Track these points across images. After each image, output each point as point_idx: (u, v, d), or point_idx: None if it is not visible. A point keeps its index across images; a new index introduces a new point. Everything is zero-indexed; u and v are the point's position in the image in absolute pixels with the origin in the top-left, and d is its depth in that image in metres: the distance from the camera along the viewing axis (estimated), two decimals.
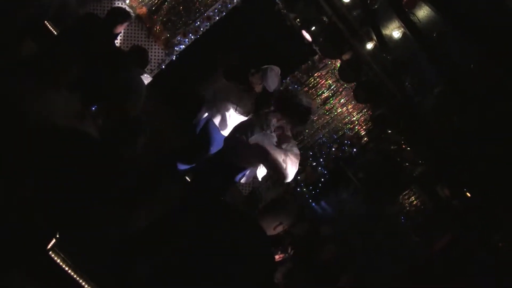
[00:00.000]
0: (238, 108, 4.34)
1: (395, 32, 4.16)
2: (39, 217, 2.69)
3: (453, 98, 4.00)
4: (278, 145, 3.43)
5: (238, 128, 3.63)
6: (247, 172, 3.67)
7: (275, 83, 4.38)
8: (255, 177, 3.84)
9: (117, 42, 6.15)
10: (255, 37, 6.75)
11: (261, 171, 3.72)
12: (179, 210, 3.60)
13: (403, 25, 3.98)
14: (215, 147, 4.55)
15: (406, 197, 6.16)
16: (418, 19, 3.71)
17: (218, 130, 4.54)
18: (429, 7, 3.43)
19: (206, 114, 4.63)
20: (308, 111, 3.61)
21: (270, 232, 3.10)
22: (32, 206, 2.69)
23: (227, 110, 4.40)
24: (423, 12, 3.60)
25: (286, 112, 3.59)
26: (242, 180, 3.73)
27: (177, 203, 3.79)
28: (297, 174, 6.86)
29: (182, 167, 4.76)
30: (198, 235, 2.92)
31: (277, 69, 4.51)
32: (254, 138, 3.36)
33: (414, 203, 6.14)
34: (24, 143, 2.72)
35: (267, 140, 3.39)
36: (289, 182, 6.42)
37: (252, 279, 2.79)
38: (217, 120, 4.49)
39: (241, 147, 3.42)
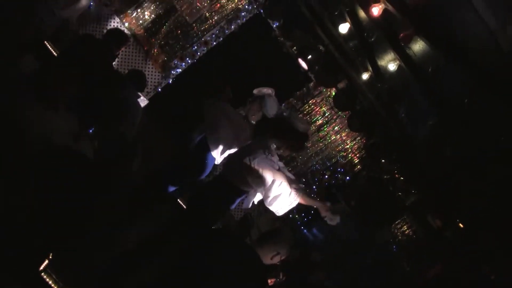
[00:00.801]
0: (238, 136, 4.34)
1: (391, 64, 4.20)
2: (32, 238, 2.66)
3: (446, 130, 4.04)
4: (278, 169, 3.50)
5: (240, 153, 3.66)
6: (247, 197, 3.67)
7: (274, 109, 4.43)
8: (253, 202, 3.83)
9: (115, 64, 6.17)
10: (251, 63, 6.79)
11: (259, 197, 3.72)
12: (171, 232, 3.63)
13: (398, 57, 4.02)
14: (207, 170, 4.55)
15: (398, 226, 6.16)
16: (414, 53, 3.76)
17: (211, 154, 4.52)
18: (425, 42, 3.48)
19: (201, 135, 4.60)
20: (304, 137, 3.66)
21: (267, 261, 3.11)
22: (25, 226, 2.67)
23: (226, 136, 4.38)
24: (418, 46, 3.65)
25: (283, 138, 3.64)
26: (243, 206, 3.73)
27: (169, 225, 3.78)
28: None
29: (172, 188, 4.73)
30: (190, 258, 2.92)
31: (272, 93, 4.55)
32: (257, 162, 3.40)
33: (406, 232, 6.14)
34: (20, 162, 2.72)
35: (270, 164, 3.45)
36: None
37: None
38: (213, 145, 4.47)
39: (244, 171, 3.46)
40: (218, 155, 4.40)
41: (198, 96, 6.25)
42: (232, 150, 4.22)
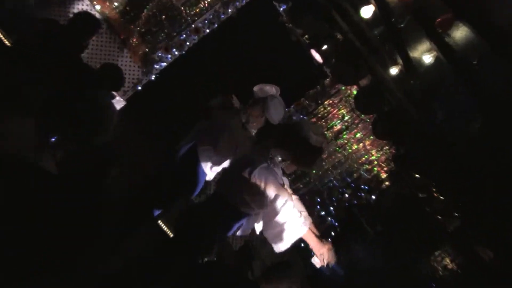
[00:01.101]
0: (235, 151, 4.34)
1: (426, 56, 4.19)
2: None
3: (496, 135, 4.02)
4: (283, 185, 3.48)
5: (237, 165, 3.65)
6: (245, 222, 3.64)
7: (280, 114, 4.42)
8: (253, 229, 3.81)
9: (84, 56, 6.17)
10: (252, 55, 6.86)
11: (260, 224, 3.69)
12: (154, 264, 3.60)
13: (435, 47, 4.01)
14: (198, 187, 4.57)
15: (438, 258, 6.09)
16: (454, 42, 3.75)
17: (202, 168, 4.52)
18: (467, 28, 3.48)
19: (189, 144, 4.60)
20: (317, 151, 3.61)
21: None
22: None
23: (222, 151, 4.37)
24: (460, 34, 3.64)
25: (289, 149, 3.60)
26: (238, 233, 3.69)
27: (152, 253, 3.78)
28: None
29: (154, 211, 4.73)
30: None
31: (277, 93, 4.55)
32: (258, 174, 3.37)
33: (448, 266, 6.08)
34: None
35: (273, 175, 3.42)
36: None
37: None
38: (204, 158, 4.47)
39: (242, 186, 3.42)
40: (209, 170, 4.40)
41: (187, 96, 6.32)
42: (225, 164, 4.21)
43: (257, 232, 3.79)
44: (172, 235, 5.84)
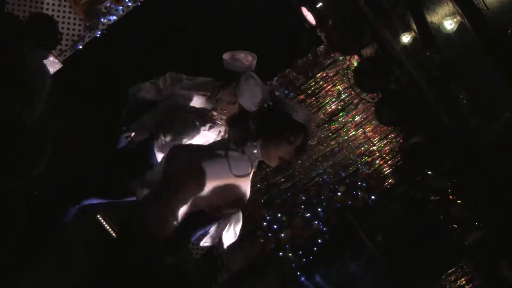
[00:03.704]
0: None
1: (447, 21, 4.15)
2: None
3: None
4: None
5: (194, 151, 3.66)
6: (212, 229, 3.66)
7: (257, 97, 4.32)
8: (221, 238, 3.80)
9: (8, 5, 6.13)
10: (228, 10, 6.78)
11: (230, 235, 3.66)
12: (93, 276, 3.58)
13: (460, 11, 3.98)
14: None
15: (452, 276, 6.15)
16: (485, 5, 3.70)
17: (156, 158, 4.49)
18: None
19: (146, 134, 4.56)
20: (304, 129, 3.64)
21: None
22: None
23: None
24: None
25: (270, 134, 3.62)
26: (205, 242, 3.69)
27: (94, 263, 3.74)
28: (280, 230, 6.91)
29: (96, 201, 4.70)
30: None
31: (253, 63, 4.48)
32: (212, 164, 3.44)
33: (465, 286, 6.10)
34: None
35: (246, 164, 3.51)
36: (265, 241, 6.35)
37: None
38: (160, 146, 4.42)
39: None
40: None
41: (141, 61, 6.25)
42: None
43: (225, 246, 3.80)
44: (115, 234, 5.82)
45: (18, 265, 3.81)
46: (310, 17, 5.94)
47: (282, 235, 6.79)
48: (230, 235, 3.67)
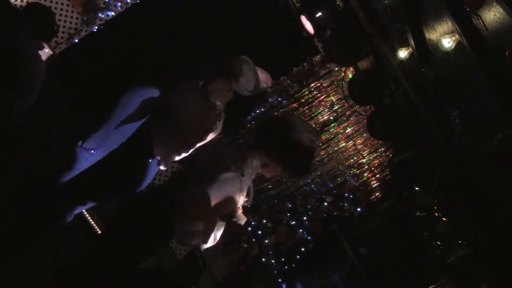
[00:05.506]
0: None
1: (446, 39, 4.14)
2: None
3: None
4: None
5: (207, 159, 3.82)
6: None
7: (252, 81, 4.38)
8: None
9: None
10: (227, 16, 6.79)
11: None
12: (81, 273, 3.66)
13: (459, 30, 3.98)
14: (147, 180, 4.66)
15: None
16: (484, 25, 3.70)
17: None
18: (504, 9, 3.42)
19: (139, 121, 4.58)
20: (309, 153, 3.74)
21: None
22: None
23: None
24: (493, 16, 3.59)
25: (274, 152, 3.69)
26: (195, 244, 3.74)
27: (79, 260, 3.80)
28: (264, 235, 6.89)
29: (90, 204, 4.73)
30: None
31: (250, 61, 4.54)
32: (224, 179, 3.52)
33: None
34: None
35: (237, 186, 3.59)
36: (249, 247, 6.33)
37: None
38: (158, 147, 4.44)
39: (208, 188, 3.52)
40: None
41: (138, 59, 6.23)
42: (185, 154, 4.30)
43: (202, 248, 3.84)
44: (101, 232, 5.79)
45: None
46: (308, 26, 5.94)
47: (266, 241, 6.78)
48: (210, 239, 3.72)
